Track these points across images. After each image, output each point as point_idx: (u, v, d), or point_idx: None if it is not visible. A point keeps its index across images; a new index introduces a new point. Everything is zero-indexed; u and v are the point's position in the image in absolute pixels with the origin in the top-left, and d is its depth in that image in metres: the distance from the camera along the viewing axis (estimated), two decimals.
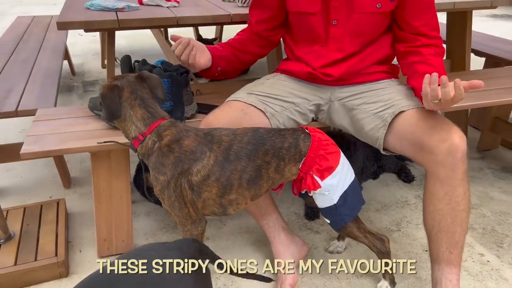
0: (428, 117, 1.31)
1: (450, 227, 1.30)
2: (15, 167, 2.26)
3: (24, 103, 1.89)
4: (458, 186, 1.26)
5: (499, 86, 2.05)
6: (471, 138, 2.54)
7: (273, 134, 1.28)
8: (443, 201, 1.29)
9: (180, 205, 1.24)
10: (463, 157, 1.24)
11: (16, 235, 1.66)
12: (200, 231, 1.32)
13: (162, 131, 1.21)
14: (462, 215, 1.30)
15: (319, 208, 1.36)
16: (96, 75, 3.74)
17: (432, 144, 1.25)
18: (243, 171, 1.23)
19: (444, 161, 1.24)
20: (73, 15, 1.72)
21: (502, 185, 2.12)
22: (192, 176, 1.21)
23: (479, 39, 2.92)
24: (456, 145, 1.23)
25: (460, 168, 1.25)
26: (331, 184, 1.28)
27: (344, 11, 1.42)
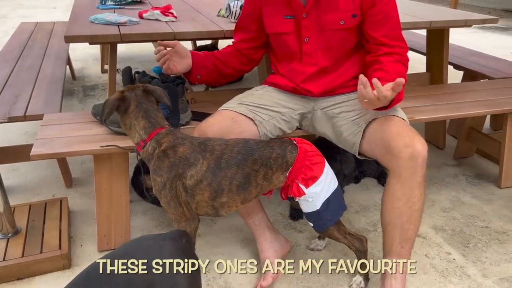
0: (395, 124, 1.47)
1: (405, 224, 1.45)
2: (20, 167, 2.41)
3: (31, 108, 2.04)
4: (416, 188, 1.42)
5: (473, 99, 2.22)
6: (450, 146, 2.71)
7: (262, 145, 1.42)
8: (401, 200, 1.44)
9: (175, 204, 1.39)
10: (423, 162, 1.40)
11: (23, 230, 1.80)
12: (193, 228, 1.46)
13: (160, 138, 1.37)
14: (416, 214, 1.46)
15: (303, 212, 1.50)
16: (96, 80, 3.88)
17: (397, 148, 1.41)
18: (233, 177, 1.37)
19: (406, 164, 1.40)
20: (79, 29, 1.87)
21: (474, 191, 2.29)
22: (186, 180, 1.35)
23: (458, 53, 3.09)
24: (418, 151, 1.39)
25: (419, 172, 1.41)
26: (314, 192, 1.42)
27: (313, 29, 1.59)
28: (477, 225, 2.01)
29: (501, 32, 6.24)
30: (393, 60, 1.55)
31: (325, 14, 1.56)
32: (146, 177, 2.10)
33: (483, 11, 8.02)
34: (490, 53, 3.26)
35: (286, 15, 1.61)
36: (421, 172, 1.41)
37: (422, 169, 1.41)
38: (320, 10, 1.56)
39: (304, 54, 1.64)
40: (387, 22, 1.57)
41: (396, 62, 1.55)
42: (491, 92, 2.29)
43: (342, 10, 1.55)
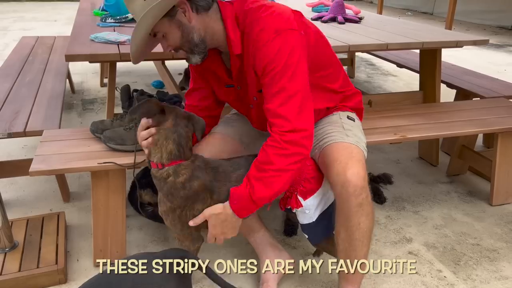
0: (336, 151, 1.43)
1: (347, 251, 1.45)
2: (18, 181, 2.43)
3: (31, 124, 2.08)
4: (352, 217, 1.38)
5: (465, 118, 2.27)
6: (443, 164, 2.75)
7: None
8: (342, 227, 1.43)
9: (182, 227, 1.43)
10: (355, 192, 1.34)
11: (20, 244, 1.82)
12: (197, 247, 1.51)
13: (180, 170, 1.37)
14: (357, 243, 1.43)
15: (300, 223, 1.54)
16: (95, 94, 3.93)
17: (331, 176, 1.40)
18: None
19: (340, 192, 1.38)
20: (80, 47, 1.92)
21: (466, 208, 2.32)
22: (194, 211, 1.40)
23: (451, 71, 3.15)
24: (348, 180, 1.34)
25: (353, 201, 1.36)
26: (312, 204, 1.47)
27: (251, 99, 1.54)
28: (468, 243, 2.04)
29: (496, 49, 6.33)
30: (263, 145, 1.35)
31: (247, 88, 1.50)
32: (142, 193, 2.13)
33: (478, 28, 8.14)
34: (484, 70, 3.32)
35: (227, 84, 1.56)
36: (354, 202, 1.36)
37: (356, 198, 1.35)
38: (243, 85, 1.51)
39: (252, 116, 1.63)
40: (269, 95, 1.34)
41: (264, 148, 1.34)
42: (483, 111, 2.34)
43: (253, 87, 1.46)
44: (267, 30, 1.32)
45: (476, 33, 7.41)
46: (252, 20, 1.37)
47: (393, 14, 9.03)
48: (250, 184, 1.33)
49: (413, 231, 2.11)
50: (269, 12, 1.36)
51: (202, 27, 1.39)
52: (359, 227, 1.40)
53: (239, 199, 1.35)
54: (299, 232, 2.06)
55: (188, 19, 1.37)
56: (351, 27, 2.65)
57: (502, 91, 2.79)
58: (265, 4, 1.40)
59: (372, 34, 2.43)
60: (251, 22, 1.37)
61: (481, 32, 7.74)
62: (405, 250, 1.97)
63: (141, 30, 1.34)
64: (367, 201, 1.39)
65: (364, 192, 1.37)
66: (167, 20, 1.35)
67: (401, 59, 3.44)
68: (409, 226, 2.15)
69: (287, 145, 1.29)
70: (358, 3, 11.02)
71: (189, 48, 1.42)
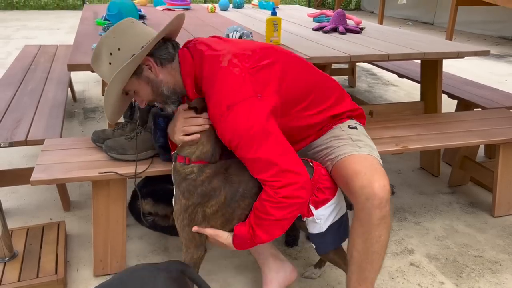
0: (356, 163, 1.43)
1: (362, 264, 1.43)
2: (19, 190, 2.43)
3: (32, 133, 2.08)
4: (374, 230, 1.38)
5: (466, 129, 2.27)
6: (445, 174, 2.75)
7: None
8: (360, 239, 1.42)
9: (189, 228, 1.46)
10: (381, 204, 1.34)
11: (19, 253, 1.81)
12: (200, 255, 1.52)
13: (206, 169, 1.43)
14: (374, 256, 1.42)
15: (309, 233, 1.54)
16: (97, 102, 3.94)
17: (353, 188, 1.38)
18: (245, 208, 1.45)
19: (363, 205, 1.36)
20: (82, 57, 1.92)
21: (468, 219, 2.31)
22: (206, 208, 1.43)
23: (452, 82, 3.16)
24: (374, 193, 1.34)
25: (377, 214, 1.35)
26: (323, 214, 1.48)
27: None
28: (471, 254, 2.03)
29: (496, 60, 6.35)
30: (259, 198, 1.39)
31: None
32: (143, 202, 2.13)
33: (478, 38, 8.17)
34: (485, 81, 3.33)
35: None
36: (379, 214, 1.35)
37: (380, 211, 1.35)
38: None
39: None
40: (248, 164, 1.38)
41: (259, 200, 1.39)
42: (484, 122, 2.34)
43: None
44: (219, 106, 1.35)
45: (476, 44, 7.44)
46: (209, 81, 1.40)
47: (394, 24, 9.07)
48: (252, 229, 1.40)
49: (415, 242, 2.10)
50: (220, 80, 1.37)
51: (170, 79, 1.46)
52: (379, 239, 1.40)
53: (241, 239, 1.43)
54: (301, 243, 2.05)
55: (155, 74, 1.43)
56: (352, 38, 2.66)
57: (503, 101, 2.79)
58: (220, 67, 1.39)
59: (373, 45, 2.44)
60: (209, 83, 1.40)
61: (481, 42, 7.77)
62: (406, 261, 1.96)
63: (112, 93, 1.41)
64: (389, 214, 1.39)
65: (388, 205, 1.37)
66: (135, 78, 1.43)
67: (402, 69, 3.45)
68: (411, 237, 2.14)
69: (283, 199, 1.33)
70: (358, 13, 11.09)
71: (162, 100, 1.50)
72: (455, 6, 6.68)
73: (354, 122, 1.65)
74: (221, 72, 1.39)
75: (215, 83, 1.38)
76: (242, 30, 2.25)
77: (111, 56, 1.40)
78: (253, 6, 4.34)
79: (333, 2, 11.86)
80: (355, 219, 1.43)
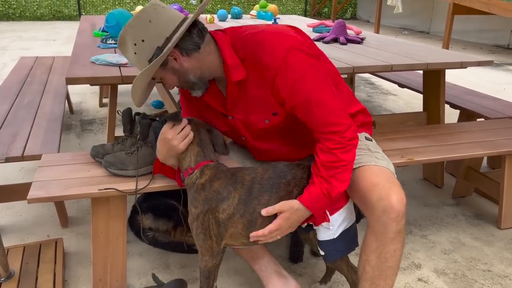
0: (372, 175, 1.41)
1: (375, 279, 1.39)
2: (15, 205, 2.37)
3: (29, 148, 2.02)
4: (389, 243, 1.35)
5: (470, 140, 2.24)
6: (448, 185, 2.71)
7: (293, 167, 1.46)
8: (374, 253, 1.38)
9: (205, 237, 1.42)
10: (397, 217, 1.32)
11: (16, 273, 1.75)
12: (215, 264, 1.49)
13: (205, 170, 1.42)
14: (388, 271, 1.38)
15: (318, 240, 1.50)
16: (94, 114, 3.89)
17: (370, 201, 1.36)
18: (267, 204, 1.39)
19: (379, 217, 1.34)
20: (80, 70, 1.88)
21: (474, 231, 2.27)
22: (218, 214, 1.39)
23: (454, 92, 3.14)
24: (392, 206, 1.31)
25: (393, 227, 1.33)
26: (337, 220, 1.46)
27: (245, 129, 1.54)
28: (479, 269, 1.98)
29: (494, 68, 6.36)
30: (325, 149, 1.38)
31: (249, 116, 1.49)
32: (144, 217, 2.07)
33: (475, 47, 8.20)
34: (484, 89, 3.32)
35: (223, 113, 1.55)
36: (395, 228, 1.33)
37: (397, 224, 1.33)
38: (242, 113, 1.50)
39: (248, 147, 1.64)
40: (311, 111, 1.37)
41: (327, 151, 1.37)
42: (488, 133, 2.31)
43: (261, 112, 1.46)
44: (274, 61, 1.33)
45: (473, 52, 7.47)
46: (255, 45, 1.37)
47: (390, 33, 9.10)
48: (327, 182, 1.36)
49: (422, 256, 2.05)
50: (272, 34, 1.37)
51: (197, 66, 1.42)
52: (394, 254, 1.37)
53: (318, 200, 1.38)
54: (305, 258, 2.00)
55: (180, 64, 1.40)
56: (353, 48, 2.63)
57: (506, 111, 2.77)
58: (263, 29, 1.40)
59: (375, 55, 2.41)
60: (255, 47, 1.37)
61: (478, 51, 7.80)
62: (414, 277, 1.91)
63: (139, 84, 1.41)
64: (404, 228, 1.37)
65: (404, 219, 1.35)
66: (161, 69, 1.41)
67: (403, 78, 3.43)
68: (417, 251, 2.09)
69: (349, 142, 1.37)
70: (354, 22, 11.13)
71: (189, 87, 1.49)
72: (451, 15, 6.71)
73: (367, 134, 1.64)
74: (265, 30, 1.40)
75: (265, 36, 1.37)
76: None
77: (135, 47, 1.37)
78: (251, 17, 4.32)
79: (329, 12, 11.91)
80: (369, 232, 1.40)
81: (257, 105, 1.44)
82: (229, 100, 1.48)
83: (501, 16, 6.17)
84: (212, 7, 11.42)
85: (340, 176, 1.37)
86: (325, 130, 1.36)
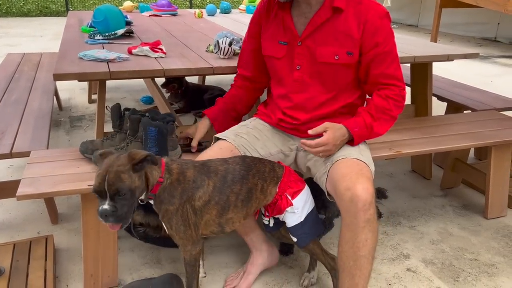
0: (345, 166, 1.49)
1: (352, 269, 1.44)
2: (4, 203, 2.35)
3: (18, 145, 2.01)
4: (360, 232, 1.40)
5: (458, 131, 2.27)
6: (436, 177, 2.75)
7: (257, 161, 1.56)
8: (348, 244, 1.43)
9: (185, 228, 1.44)
10: (364, 206, 1.38)
11: (6, 271, 1.74)
12: (198, 250, 1.52)
13: (172, 167, 1.42)
14: (362, 260, 1.42)
15: (288, 228, 1.59)
16: (83, 110, 3.87)
17: (339, 191, 1.43)
18: (239, 193, 1.47)
19: (348, 207, 1.40)
20: (68, 66, 1.87)
21: (461, 222, 2.31)
22: (195, 202, 1.42)
23: (442, 84, 3.17)
24: (357, 195, 1.38)
25: (362, 216, 1.38)
26: (299, 202, 1.56)
27: (306, 58, 1.61)
28: (466, 258, 2.02)
29: (481, 61, 6.43)
30: (382, 96, 1.60)
31: (320, 46, 1.58)
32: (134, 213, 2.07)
33: (462, 39, 8.27)
34: (471, 82, 3.35)
35: (281, 41, 1.64)
36: (363, 217, 1.38)
37: (365, 213, 1.38)
38: (315, 41, 1.58)
39: (295, 81, 1.66)
40: (385, 61, 1.59)
41: (384, 98, 1.60)
42: (475, 125, 2.34)
43: (338, 46, 1.57)
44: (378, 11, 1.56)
45: (460, 45, 7.53)
46: None
47: None
48: (372, 119, 1.58)
49: (410, 247, 2.08)
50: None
51: None
52: (366, 243, 1.41)
53: (359, 127, 1.57)
54: (296, 251, 2.02)
55: None
56: None
57: (492, 103, 2.80)
58: None
59: None
60: None
61: (465, 43, 7.87)
62: (403, 267, 1.94)
63: None
64: (374, 217, 1.41)
65: (372, 208, 1.40)
66: None
67: None
68: (406, 242, 2.12)
69: (402, 99, 1.62)
70: None
71: None
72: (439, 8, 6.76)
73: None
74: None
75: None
76: (232, 36, 2.22)
77: None
78: (240, 11, 4.31)
79: None
80: (342, 224, 1.46)
81: (338, 38, 1.55)
82: (312, 23, 1.56)
83: (488, 9, 6.23)
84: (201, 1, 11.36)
85: (383, 122, 1.59)
86: (389, 81, 1.59)
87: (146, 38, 2.57)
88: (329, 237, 2.09)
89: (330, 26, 1.56)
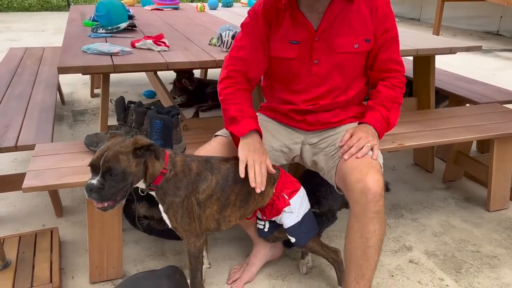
0: (354, 159, 1.49)
1: (359, 260, 1.46)
2: (9, 196, 2.37)
3: (22, 138, 2.03)
4: (369, 223, 1.42)
5: (460, 124, 2.27)
6: (438, 170, 2.75)
7: None
8: (356, 235, 1.45)
9: (189, 220, 1.46)
10: (375, 198, 1.39)
11: (12, 262, 1.76)
12: (202, 242, 1.54)
13: (176, 159, 1.43)
14: (370, 251, 1.44)
15: (285, 229, 1.60)
16: (86, 104, 3.88)
17: (350, 182, 1.43)
18: (239, 193, 1.49)
19: (358, 199, 1.41)
20: (72, 59, 1.88)
21: (463, 214, 2.32)
22: (199, 195, 1.44)
23: (444, 77, 3.17)
24: (368, 187, 1.39)
25: (372, 208, 1.40)
26: (296, 202, 1.57)
27: (324, 52, 1.60)
28: (468, 250, 2.03)
29: (483, 54, 6.41)
30: (389, 86, 1.63)
31: (337, 37, 1.58)
32: (138, 206, 2.09)
33: (465, 33, 8.24)
34: (473, 75, 3.35)
35: (292, 40, 1.61)
36: (373, 208, 1.40)
37: (374, 205, 1.40)
38: (332, 33, 1.58)
39: (313, 75, 1.63)
40: (391, 46, 1.63)
41: (391, 87, 1.64)
42: (477, 118, 2.35)
43: (356, 35, 1.58)
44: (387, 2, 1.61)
45: (463, 39, 7.51)
46: None
47: None
48: (387, 110, 1.61)
49: (413, 239, 2.10)
50: None
51: None
52: (374, 234, 1.43)
53: (379, 122, 1.60)
54: None
55: None
56: None
57: (495, 96, 2.80)
58: None
59: None
60: None
61: (468, 37, 7.84)
62: (406, 258, 1.96)
63: None
64: (383, 209, 1.43)
65: (382, 200, 1.41)
66: None
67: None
68: (408, 234, 2.13)
69: (404, 85, 1.67)
70: None
71: None
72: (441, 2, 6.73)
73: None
74: None
75: None
76: (234, 29, 2.22)
77: None
78: (242, 5, 4.31)
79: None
80: (351, 215, 1.47)
81: (354, 27, 1.58)
82: (326, 17, 1.57)
83: (491, 3, 6.20)
84: None
85: (395, 111, 1.63)
86: (392, 67, 1.63)
87: (149, 32, 2.57)
88: (332, 229, 2.11)
89: (344, 16, 1.57)
